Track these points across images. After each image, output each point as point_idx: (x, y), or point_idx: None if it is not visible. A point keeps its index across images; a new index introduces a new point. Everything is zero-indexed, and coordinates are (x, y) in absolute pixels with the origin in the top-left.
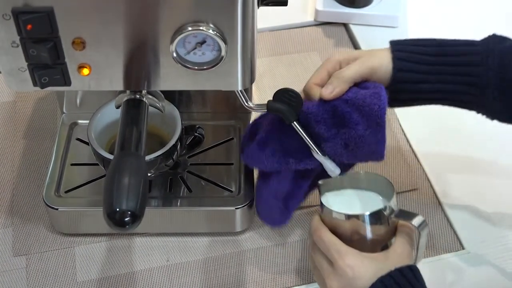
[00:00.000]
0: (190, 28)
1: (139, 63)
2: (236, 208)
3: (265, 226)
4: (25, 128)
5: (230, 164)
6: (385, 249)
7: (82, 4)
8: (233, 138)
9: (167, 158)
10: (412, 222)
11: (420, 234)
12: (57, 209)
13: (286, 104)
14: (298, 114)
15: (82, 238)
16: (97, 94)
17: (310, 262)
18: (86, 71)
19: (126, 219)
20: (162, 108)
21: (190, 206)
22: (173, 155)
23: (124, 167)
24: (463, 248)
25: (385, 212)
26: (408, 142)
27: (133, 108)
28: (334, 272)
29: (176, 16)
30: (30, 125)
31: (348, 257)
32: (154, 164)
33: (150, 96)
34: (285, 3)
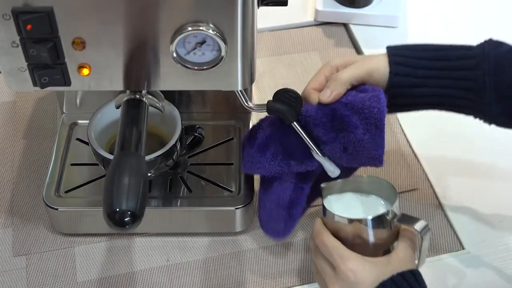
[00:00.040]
0: (190, 28)
1: (139, 63)
2: (236, 208)
3: None
4: (25, 128)
5: (230, 164)
6: (387, 253)
7: (82, 4)
8: (233, 138)
9: (167, 158)
10: (414, 227)
11: (422, 238)
12: (57, 209)
13: (286, 104)
14: (298, 114)
15: (82, 238)
16: (97, 94)
17: (312, 266)
18: (86, 71)
19: (126, 219)
20: (162, 108)
21: (190, 206)
22: (173, 155)
23: (124, 167)
24: (463, 248)
25: (387, 216)
26: (408, 142)
27: (133, 108)
28: (336, 276)
29: (176, 16)
30: (30, 125)
31: (350, 261)
32: (154, 164)
33: (150, 96)
34: (285, 3)
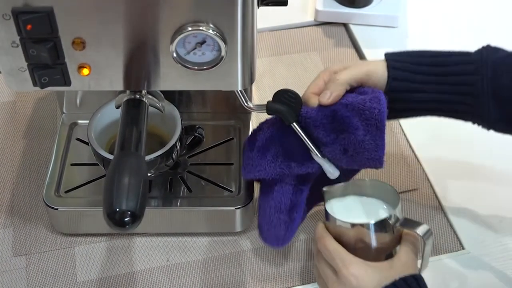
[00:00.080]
0: (190, 28)
1: (139, 63)
2: (236, 208)
3: None
4: (25, 128)
5: (230, 164)
6: (389, 257)
7: (82, 4)
8: (233, 138)
9: (167, 158)
10: (416, 231)
11: (425, 243)
12: (57, 209)
13: (286, 105)
14: (297, 115)
15: (82, 238)
16: (97, 94)
17: (315, 270)
18: (86, 71)
19: (126, 219)
20: (162, 108)
21: (190, 206)
22: (173, 155)
23: (124, 167)
24: (463, 248)
25: (390, 220)
26: (408, 142)
27: (133, 108)
28: (338, 281)
29: (176, 16)
30: (30, 125)
31: (352, 266)
32: (154, 164)
33: (150, 96)
34: (285, 3)
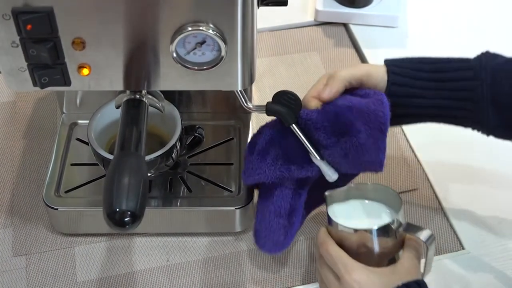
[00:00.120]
0: (190, 28)
1: (139, 63)
2: (236, 208)
3: None
4: (25, 128)
5: (230, 164)
6: (392, 262)
7: (82, 4)
8: (233, 138)
9: (167, 158)
10: (419, 236)
11: (428, 248)
12: (57, 209)
13: (285, 106)
14: (297, 116)
15: (82, 238)
16: (97, 94)
17: (317, 275)
18: (86, 71)
19: (126, 219)
20: (162, 108)
21: (190, 206)
22: (173, 155)
23: (124, 167)
24: (463, 248)
25: (393, 225)
26: (408, 142)
27: (133, 108)
28: (340, 286)
29: (176, 16)
30: (30, 125)
31: (355, 272)
32: (154, 164)
33: (150, 96)
34: (285, 3)
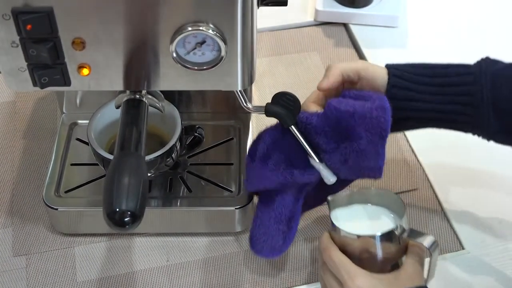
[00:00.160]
0: (190, 28)
1: (139, 63)
2: (236, 208)
3: None
4: (25, 128)
5: (230, 164)
6: (395, 267)
7: (82, 4)
8: (233, 138)
9: (167, 158)
10: (423, 243)
11: (431, 254)
12: (57, 209)
13: (285, 107)
14: (296, 118)
15: (82, 238)
16: (97, 94)
17: (320, 281)
18: (86, 71)
19: (126, 219)
20: (162, 108)
21: (190, 206)
22: (173, 155)
23: (124, 167)
24: (463, 248)
25: (396, 231)
26: (408, 142)
27: (133, 108)
28: None
29: (176, 16)
30: (30, 125)
31: (357, 278)
32: (154, 164)
33: (150, 96)
34: (285, 3)
